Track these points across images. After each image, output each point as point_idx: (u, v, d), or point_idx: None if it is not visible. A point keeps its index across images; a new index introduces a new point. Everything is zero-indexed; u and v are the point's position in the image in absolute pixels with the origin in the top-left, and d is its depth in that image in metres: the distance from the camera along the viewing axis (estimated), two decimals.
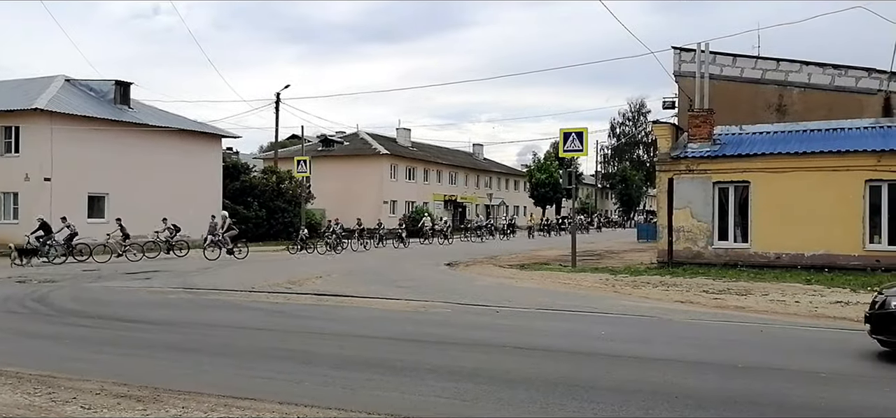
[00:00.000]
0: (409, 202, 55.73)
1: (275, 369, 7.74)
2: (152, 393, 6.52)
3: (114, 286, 16.76)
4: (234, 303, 13.72)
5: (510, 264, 23.55)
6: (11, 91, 34.62)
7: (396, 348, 9.09)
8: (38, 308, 12.94)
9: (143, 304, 13.51)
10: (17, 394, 6.41)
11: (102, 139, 32.02)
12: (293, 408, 6.08)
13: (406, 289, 15.68)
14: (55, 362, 8.01)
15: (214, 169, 38.71)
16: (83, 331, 10.43)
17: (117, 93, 35.47)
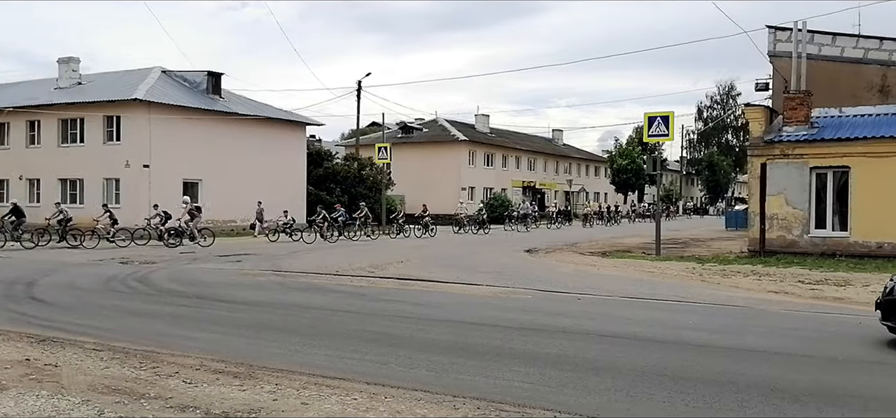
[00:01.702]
0: (488, 188, 55.68)
1: (361, 350, 7.91)
2: (248, 369, 6.78)
3: (208, 268, 17.51)
4: (320, 286, 14.09)
5: (591, 251, 23.24)
6: (112, 83, 36.54)
7: (479, 333, 9.13)
8: (139, 287, 13.66)
9: (236, 285, 14.06)
10: (125, 368, 6.79)
11: (196, 127, 33.42)
12: (380, 389, 6.21)
13: (487, 275, 15.71)
14: (157, 338, 8.45)
15: (299, 156, 39.78)
16: (182, 310, 10.95)
17: (209, 83, 36.89)
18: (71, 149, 34.55)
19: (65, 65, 37.92)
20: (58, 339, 8.14)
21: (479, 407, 5.75)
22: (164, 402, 5.61)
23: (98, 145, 33.56)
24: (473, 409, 5.68)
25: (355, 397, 5.93)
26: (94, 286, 13.75)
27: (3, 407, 5.39)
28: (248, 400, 5.76)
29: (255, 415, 5.33)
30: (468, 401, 5.89)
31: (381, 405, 5.73)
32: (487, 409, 5.66)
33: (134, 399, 5.69)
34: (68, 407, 5.42)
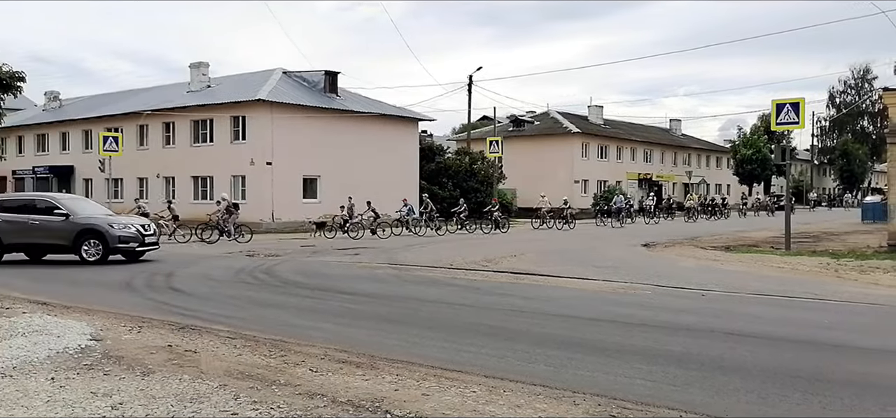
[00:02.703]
0: (601, 181, 54.58)
1: (478, 344, 7.96)
2: (369, 360, 6.97)
3: (328, 261, 18.17)
4: (435, 279, 14.29)
5: (713, 246, 22.31)
6: (237, 84, 38.56)
7: (598, 329, 8.97)
8: (266, 279, 14.36)
9: (355, 278, 14.51)
10: (256, 356, 7.15)
11: (314, 125, 34.73)
12: (499, 382, 6.22)
13: (603, 270, 15.41)
14: (284, 328, 8.85)
15: (412, 151, 40.50)
16: (305, 301, 11.42)
17: (326, 82, 38.21)
18: (202, 148, 36.77)
19: (195, 69, 40.39)
20: (195, 327, 8.69)
21: (599, 403, 5.65)
22: (293, 389, 5.86)
23: (226, 144, 35.53)
24: (594, 405, 5.59)
25: (474, 390, 5.97)
26: (226, 277, 14.58)
27: (151, 388, 5.81)
28: (371, 389, 5.92)
29: (378, 405, 5.46)
30: (588, 397, 5.80)
31: (500, 398, 5.74)
32: (608, 406, 5.55)
33: (266, 385, 5.99)
34: (208, 390, 5.77)
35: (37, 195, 19.53)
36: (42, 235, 17.59)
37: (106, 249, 17.33)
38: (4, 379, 6.04)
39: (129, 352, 7.15)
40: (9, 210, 18.03)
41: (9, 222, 17.58)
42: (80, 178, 42.95)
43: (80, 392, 5.68)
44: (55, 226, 17.44)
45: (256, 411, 5.25)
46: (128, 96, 45.74)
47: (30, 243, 17.86)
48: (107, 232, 17.46)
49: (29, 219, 17.56)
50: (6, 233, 17.58)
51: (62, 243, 17.49)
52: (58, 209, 17.74)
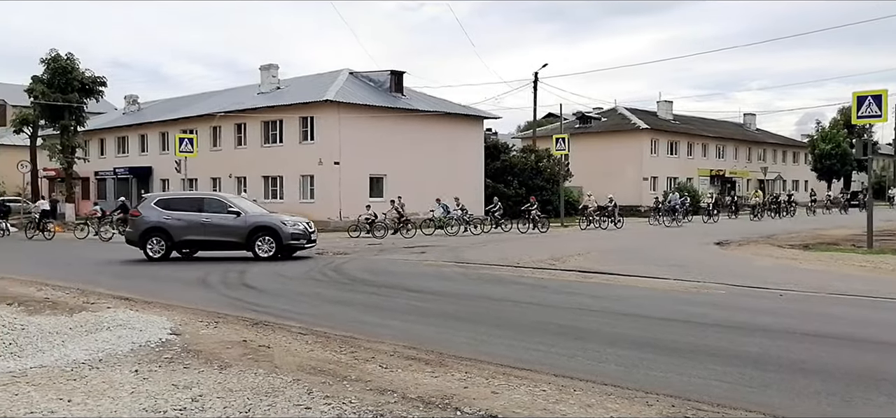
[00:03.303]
0: (671, 178, 53.33)
1: (547, 342, 7.89)
2: (438, 357, 7.01)
3: (395, 259, 18.35)
4: (502, 278, 14.25)
5: (790, 244, 21.51)
6: (305, 86, 39.36)
7: (670, 328, 8.77)
8: (335, 276, 14.60)
9: (422, 276, 14.60)
10: (327, 352, 7.28)
11: (380, 125, 35.13)
12: (569, 382, 6.15)
13: (674, 269, 15.05)
14: (353, 324, 8.98)
15: (477, 149, 40.51)
16: (373, 299, 11.55)
17: (392, 82, 38.58)
18: (272, 148, 37.68)
19: (266, 71, 41.42)
20: (268, 323, 8.91)
21: (673, 404, 5.53)
22: (364, 385, 5.94)
23: (295, 144, 36.30)
24: (668, 406, 5.47)
25: (544, 388, 5.93)
26: (296, 275, 14.89)
27: (228, 382, 5.99)
28: (440, 386, 5.94)
29: (448, 402, 5.48)
30: (661, 398, 5.68)
31: (571, 397, 5.68)
32: (683, 407, 5.42)
33: (337, 380, 6.08)
34: (282, 384, 5.91)
35: (204, 194, 20.33)
36: (215, 232, 18.17)
37: (279, 245, 17.91)
38: (92, 370, 6.32)
39: (207, 347, 7.39)
40: (177, 208, 18.58)
41: (180, 220, 18.17)
42: (158, 179, 44.61)
43: (162, 384, 5.90)
44: (228, 224, 18.07)
45: (329, 406, 5.34)
46: (202, 99, 47.27)
47: (200, 240, 18.39)
48: (280, 229, 18.08)
49: (200, 216, 18.21)
50: (176, 230, 18.15)
51: (235, 240, 18.07)
52: (230, 207, 18.48)
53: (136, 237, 18.46)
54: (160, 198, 19.99)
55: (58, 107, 39.16)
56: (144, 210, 18.77)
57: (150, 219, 18.34)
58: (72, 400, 5.40)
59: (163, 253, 18.10)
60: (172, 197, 20.55)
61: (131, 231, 18.87)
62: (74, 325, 8.15)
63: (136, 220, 18.81)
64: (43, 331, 7.62)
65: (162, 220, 18.24)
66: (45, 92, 39.10)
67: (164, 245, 18.14)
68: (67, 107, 39.29)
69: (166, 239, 18.16)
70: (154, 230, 18.18)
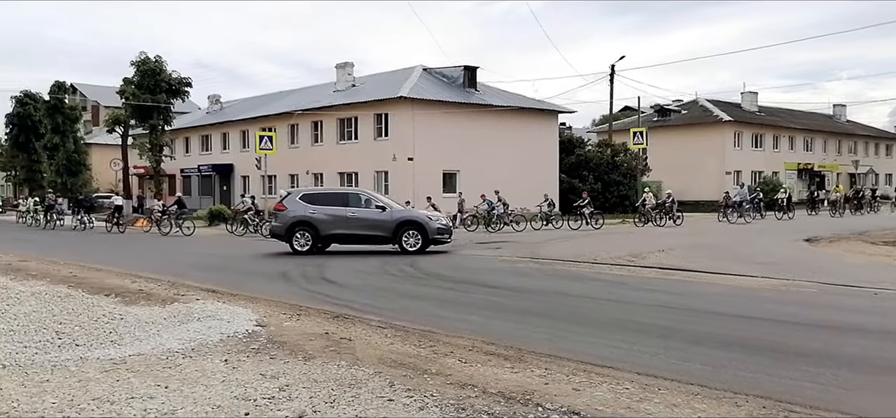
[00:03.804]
0: (756, 172, 51.41)
1: (627, 340, 7.75)
2: (517, 353, 6.98)
3: (470, 254, 18.38)
4: (579, 274, 14.08)
5: (884, 240, 20.44)
6: (380, 83, 39.87)
7: (757, 327, 8.48)
8: (410, 272, 14.74)
9: (498, 271, 14.57)
10: (407, 345, 7.36)
11: (454, 120, 35.23)
12: (652, 380, 6.03)
13: (761, 266, 14.52)
14: (431, 319, 9.04)
15: (551, 144, 40.13)
16: (449, 294, 11.61)
17: (465, 77, 38.64)
18: (347, 145, 38.35)
19: (341, 69, 42.17)
20: (348, 316, 9.07)
21: (764, 406, 5.35)
22: (444, 379, 5.98)
23: (370, 141, 36.85)
24: (758, 408, 5.30)
25: (627, 386, 5.83)
26: (373, 269, 15.11)
27: (313, 372, 6.13)
28: (521, 382, 5.92)
29: (529, 398, 5.46)
30: (751, 399, 5.51)
31: (655, 397, 5.56)
32: (774, 409, 5.24)
33: (418, 374, 6.14)
34: (364, 376, 6.01)
35: (348, 189, 20.60)
36: (361, 227, 18.57)
37: (425, 240, 18.34)
38: (185, 359, 6.59)
39: (291, 338, 7.58)
40: (321, 203, 18.95)
41: (328, 215, 18.56)
42: (239, 176, 46.08)
43: (251, 373, 6.09)
44: (374, 219, 18.53)
45: (411, 398, 5.39)
46: (279, 97, 48.54)
47: (346, 234, 18.70)
48: (426, 224, 18.57)
49: (346, 211, 18.69)
50: (323, 224, 18.52)
51: (382, 234, 18.50)
52: (376, 203, 19.02)
53: (283, 230, 18.80)
54: (304, 192, 20.19)
55: (147, 108, 40.93)
56: (289, 204, 19.06)
57: (295, 213, 18.67)
58: (168, 386, 5.64)
59: (309, 246, 18.42)
60: (316, 192, 20.71)
61: (278, 224, 19.16)
62: (167, 316, 8.51)
63: (282, 214, 19.07)
64: (139, 321, 7.99)
65: (307, 214, 18.58)
66: (135, 93, 40.94)
67: (310, 238, 18.47)
68: (156, 107, 41.02)
69: (312, 232, 18.49)
70: (300, 224, 18.54)
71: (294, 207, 18.89)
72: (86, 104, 75.79)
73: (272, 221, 19.99)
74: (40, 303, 7.46)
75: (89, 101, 78.80)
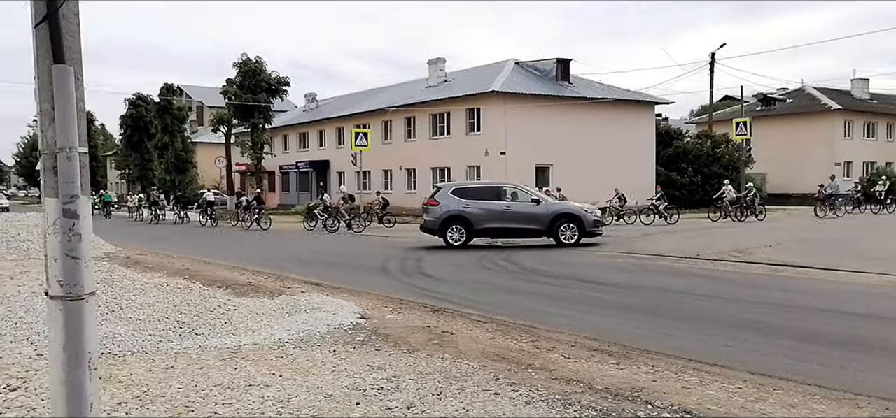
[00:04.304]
0: (868, 163, 48.46)
1: (737, 338, 7.50)
2: (621, 349, 6.87)
3: (566, 249, 18.16)
4: (681, 270, 13.69)
5: None
6: (471, 78, 39.97)
7: (880, 327, 8.02)
8: (507, 266, 14.74)
9: (596, 266, 14.36)
10: (508, 339, 7.37)
11: (546, 114, 34.92)
12: (766, 380, 5.82)
13: (878, 262, 13.69)
14: (530, 314, 9.02)
15: (647, 136, 39.16)
16: (548, 289, 11.53)
17: (558, 70, 38.22)
18: (440, 140, 38.69)
19: (433, 65, 42.57)
20: (448, 310, 9.18)
21: (887, 407, 5.12)
22: (549, 374, 5.96)
23: (462, 136, 37.03)
24: (881, 409, 5.09)
25: (740, 386, 5.64)
26: (469, 264, 15.20)
27: (418, 365, 6.25)
28: (627, 378, 5.83)
29: (637, 395, 5.37)
30: (874, 401, 5.25)
31: (770, 396, 5.37)
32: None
33: (522, 368, 6.15)
34: (468, 370, 6.07)
35: (500, 183, 20.87)
36: (516, 220, 18.69)
37: (581, 232, 18.51)
38: (296, 349, 6.84)
39: (394, 331, 7.74)
40: (474, 197, 19.03)
41: (481, 208, 18.70)
42: (335, 172, 47.31)
43: (359, 364, 6.27)
44: (530, 212, 18.71)
45: (516, 392, 5.41)
46: (373, 94, 49.49)
47: (500, 227, 18.81)
48: (583, 216, 18.72)
49: (500, 205, 18.80)
50: (477, 218, 18.67)
51: (537, 227, 18.67)
52: (531, 195, 19.26)
53: (437, 225, 18.89)
54: (456, 187, 20.10)
55: (248, 107, 42.65)
56: (442, 199, 19.10)
57: (449, 208, 18.79)
58: (282, 375, 5.87)
59: (463, 240, 18.60)
60: (468, 186, 20.76)
61: (431, 219, 19.14)
62: (276, 307, 8.85)
63: (435, 209, 19.07)
64: (251, 312, 8.35)
65: (461, 209, 18.72)
66: (237, 93, 42.76)
67: (464, 233, 18.64)
68: (256, 106, 42.69)
69: (466, 226, 18.66)
70: (454, 218, 18.71)
71: (447, 202, 18.90)
72: (191, 105, 79.65)
73: (423, 216, 19.93)
74: (162, 294, 7.92)
75: (194, 101, 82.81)
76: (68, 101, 3.11)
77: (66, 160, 3.11)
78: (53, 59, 3.11)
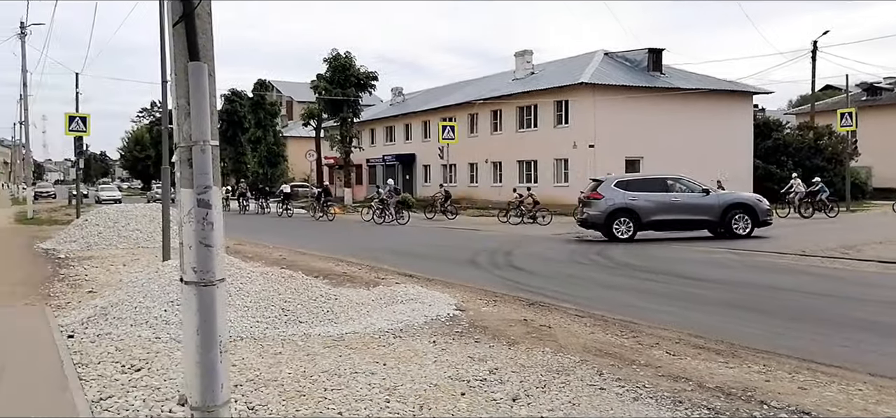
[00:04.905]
0: None
1: (852, 338, 7.13)
2: (729, 348, 6.65)
3: (661, 243, 17.74)
4: (786, 267, 13.12)
5: None
6: (559, 69, 39.50)
7: None
8: (599, 260, 14.51)
9: (693, 262, 13.93)
10: (608, 335, 7.26)
11: (637, 106, 34.14)
12: (888, 381, 5.56)
13: None
14: (628, 309, 8.83)
15: (744, 128, 37.74)
16: (646, 284, 11.27)
17: (650, 60, 37.28)
18: (526, 133, 38.45)
19: (520, 58, 42.31)
20: (544, 304, 9.11)
21: None
22: (655, 371, 5.82)
23: (549, 129, 36.67)
24: None
25: (859, 387, 5.38)
26: (560, 257, 15.06)
27: (519, 357, 6.23)
28: (739, 377, 5.64)
29: (751, 395, 5.18)
30: None
31: (894, 398, 5.12)
32: None
33: (626, 364, 6.04)
34: (570, 364, 6.01)
35: (665, 174, 20.52)
36: (686, 211, 18.27)
37: (755, 223, 18.25)
38: (396, 339, 6.95)
39: (491, 324, 7.75)
40: (640, 190, 18.51)
41: (649, 201, 18.21)
42: (420, 165, 47.79)
43: (459, 355, 6.31)
44: (699, 203, 18.28)
45: (622, 388, 5.32)
46: (458, 88, 49.65)
47: (668, 220, 18.34)
48: (757, 206, 18.51)
49: (668, 197, 18.37)
50: (644, 211, 18.14)
51: (708, 218, 18.33)
52: (699, 187, 18.84)
53: (602, 219, 18.28)
54: (619, 179, 19.40)
55: (338, 101, 43.60)
56: (606, 192, 18.47)
57: (614, 201, 18.24)
58: (386, 363, 5.98)
59: (630, 234, 18.06)
60: (631, 178, 20.00)
61: (595, 213, 18.48)
62: (374, 298, 9.01)
63: (599, 202, 18.43)
64: (351, 302, 8.54)
65: (628, 201, 18.20)
66: (327, 88, 43.77)
67: (631, 226, 18.11)
68: (346, 100, 43.58)
69: (634, 220, 18.14)
70: (620, 211, 18.18)
71: (611, 195, 18.33)
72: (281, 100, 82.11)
73: (583, 210, 19.25)
74: (267, 283, 8.19)
75: (284, 96, 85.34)
76: (202, 96, 3.25)
77: (200, 152, 3.26)
78: (189, 56, 3.25)
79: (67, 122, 26.04)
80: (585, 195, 19.45)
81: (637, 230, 18.12)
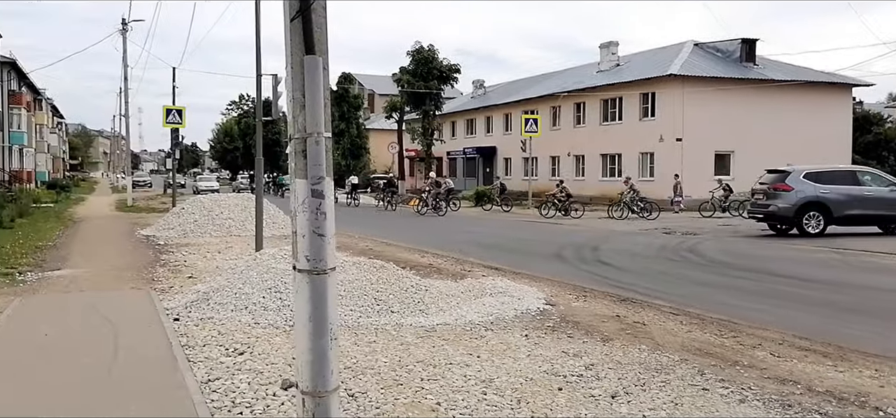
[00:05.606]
0: None
1: None
2: (837, 351, 6.34)
3: (756, 240, 17.11)
4: (891, 267, 12.42)
5: None
6: (646, 61, 38.54)
7: None
8: (690, 257, 14.11)
9: (790, 261, 13.35)
10: (706, 334, 7.03)
11: (728, 98, 32.93)
12: None
13: None
14: (725, 308, 8.53)
15: (842, 121, 35.90)
16: (741, 282, 10.88)
17: (742, 51, 35.94)
18: (610, 126, 37.74)
19: (605, 49, 41.53)
20: (635, 300, 8.91)
21: None
22: (760, 373, 5.61)
23: (634, 121, 35.86)
24: None
25: None
26: (649, 253, 14.72)
27: (614, 354, 6.12)
28: (850, 382, 5.37)
29: (864, 400, 4.93)
30: None
31: None
32: None
33: (728, 364, 5.84)
34: (669, 362, 5.86)
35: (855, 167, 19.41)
36: (879, 207, 17.62)
37: None
38: (488, 332, 6.96)
39: (583, 319, 7.65)
40: (830, 182, 17.66)
41: (841, 194, 17.42)
42: (501, 158, 47.63)
43: (553, 350, 6.25)
44: (892, 198, 17.60)
45: (726, 389, 5.15)
46: (541, 80, 49.16)
47: (862, 215, 17.61)
48: None
49: (862, 190, 17.65)
50: (836, 205, 17.35)
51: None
52: (888, 181, 18.25)
53: (791, 212, 17.47)
54: (808, 171, 18.15)
55: (420, 94, 43.94)
56: (795, 184, 17.59)
57: (805, 194, 17.41)
58: (479, 356, 5.99)
59: (820, 228, 17.25)
60: (821, 170, 18.67)
61: (784, 205, 17.60)
62: (463, 290, 9.04)
63: (788, 195, 17.59)
64: (440, 293, 8.59)
65: (819, 195, 17.39)
66: (410, 81, 44.17)
67: (821, 220, 17.29)
68: (428, 93, 43.87)
69: (825, 214, 17.33)
70: (811, 204, 17.39)
71: (801, 187, 17.46)
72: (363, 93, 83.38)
73: (773, 202, 18.04)
74: (360, 272, 8.33)
75: (365, 89, 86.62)
76: (317, 89, 3.32)
77: (315, 144, 3.33)
78: (305, 50, 3.33)
79: (165, 115, 27.28)
80: (771, 186, 18.28)
81: (827, 224, 17.21)
